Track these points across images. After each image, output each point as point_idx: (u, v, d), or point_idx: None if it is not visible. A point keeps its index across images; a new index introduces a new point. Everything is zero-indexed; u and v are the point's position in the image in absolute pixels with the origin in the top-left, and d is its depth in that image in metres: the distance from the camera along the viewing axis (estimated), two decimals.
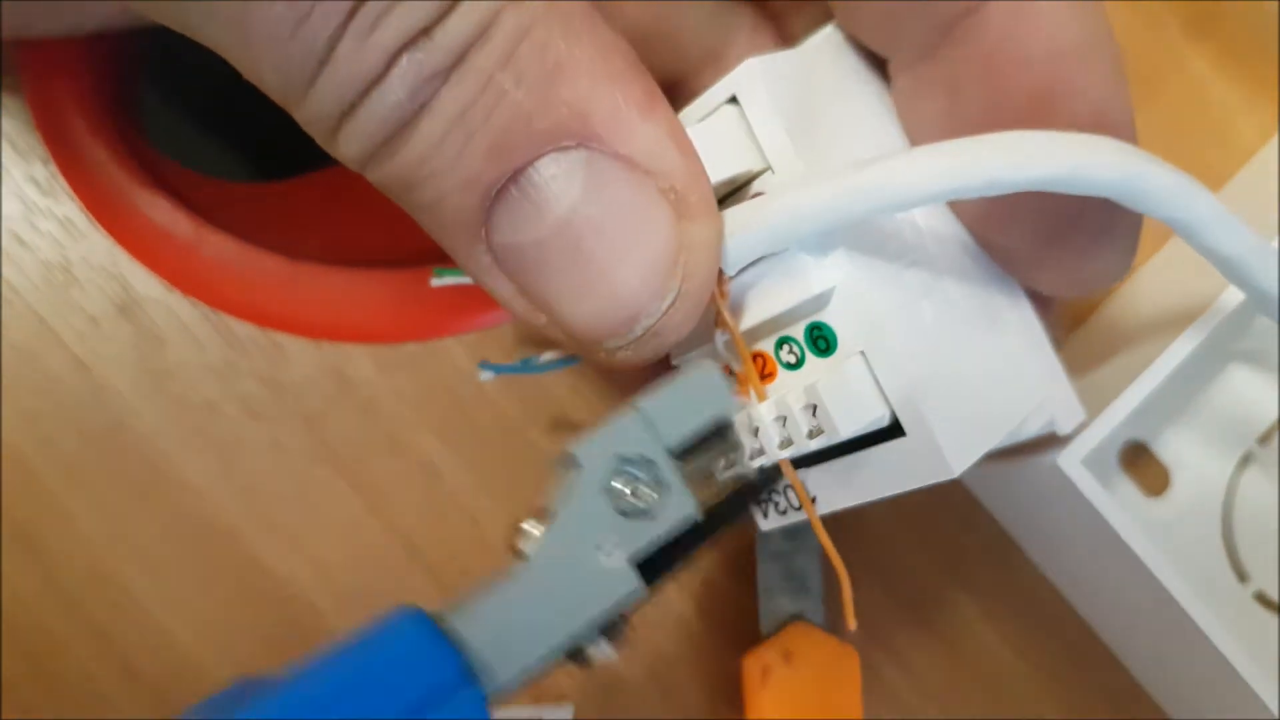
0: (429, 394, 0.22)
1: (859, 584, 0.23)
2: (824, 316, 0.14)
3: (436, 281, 0.18)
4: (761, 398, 0.15)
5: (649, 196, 0.13)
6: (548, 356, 0.19)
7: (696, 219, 0.13)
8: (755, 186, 0.14)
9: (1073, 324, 0.24)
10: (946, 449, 0.14)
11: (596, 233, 0.13)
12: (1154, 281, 0.23)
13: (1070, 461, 0.18)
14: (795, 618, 0.21)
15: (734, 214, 0.14)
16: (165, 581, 0.21)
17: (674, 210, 0.13)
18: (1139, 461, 0.23)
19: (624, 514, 0.12)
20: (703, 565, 0.23)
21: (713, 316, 0.15)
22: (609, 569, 0.12)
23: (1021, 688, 0.23)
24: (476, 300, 0.22)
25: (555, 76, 0.12)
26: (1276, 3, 0.26)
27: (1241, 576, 0.23)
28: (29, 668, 0.21)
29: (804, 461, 0.15)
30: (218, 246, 0.21)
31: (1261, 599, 0.23)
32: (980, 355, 0.15)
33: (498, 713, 0.22)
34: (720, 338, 0.15)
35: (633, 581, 0.12)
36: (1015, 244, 0.15)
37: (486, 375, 0.20)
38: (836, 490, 0.15)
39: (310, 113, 0.12)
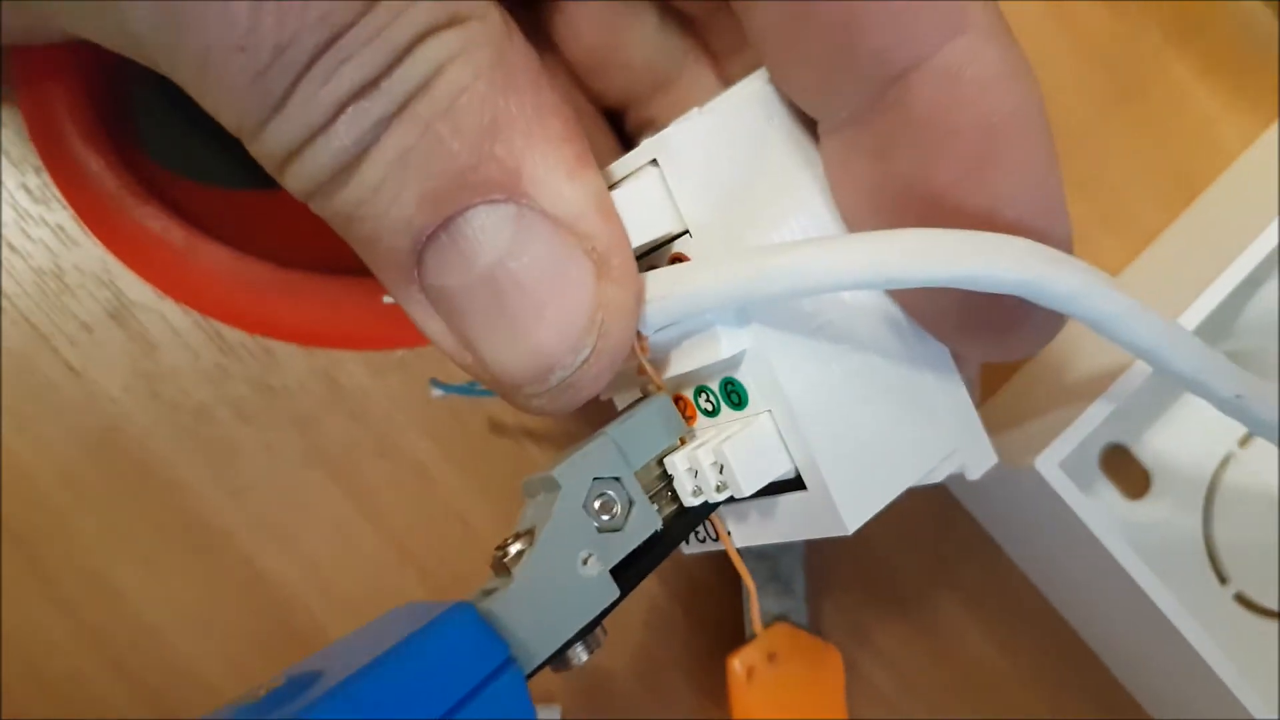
0: (419, 397, 0.22)
1: (844, 585, 0.24)
2: (737, 375, 0.15)
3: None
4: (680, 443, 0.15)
5: (572, 255, 0.13)
6: None
7: (616, 281, 0.14)
8: (676, 246, 0.15)
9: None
10: (841, 506, 0.15)
11: (519, 285, 0.13)
12: (1136, 285, 0.24)
13: (1048, 464, 0.19)
14: (780, 619, 0.22)
15: (654, 279, 0.14)
16: (158, 583, 0.22)
17: (595, 270, 0.13)
18: (1120, 464, 0.24)
19: (599, 530, 0.13)
20: (689, 568, 0.23)
21: (636, 364, 0.15)
22: (591, 579, 0.13)
23: (1005, 686, 0.24)
24: None
25: (491, 131, 0.12)
26: (1257, 9, 0.26)
27: (1222, 578, 0.23)
28: (24, 669, 0.21)
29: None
30: (209, 254, 0.22)
31: (1242, 600, 0.23)
32: (887, 414, 0.15)
33: None
34: (646, 383, 0.16)
35: (613, 590, 0.13)
36: (938, 321, 0.15)
37: (437, 393, 0.20)
38: (750, 528, 0.16)
39: (260, 149, 0.13)
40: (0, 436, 0.22)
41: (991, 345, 0.15)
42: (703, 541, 0.17)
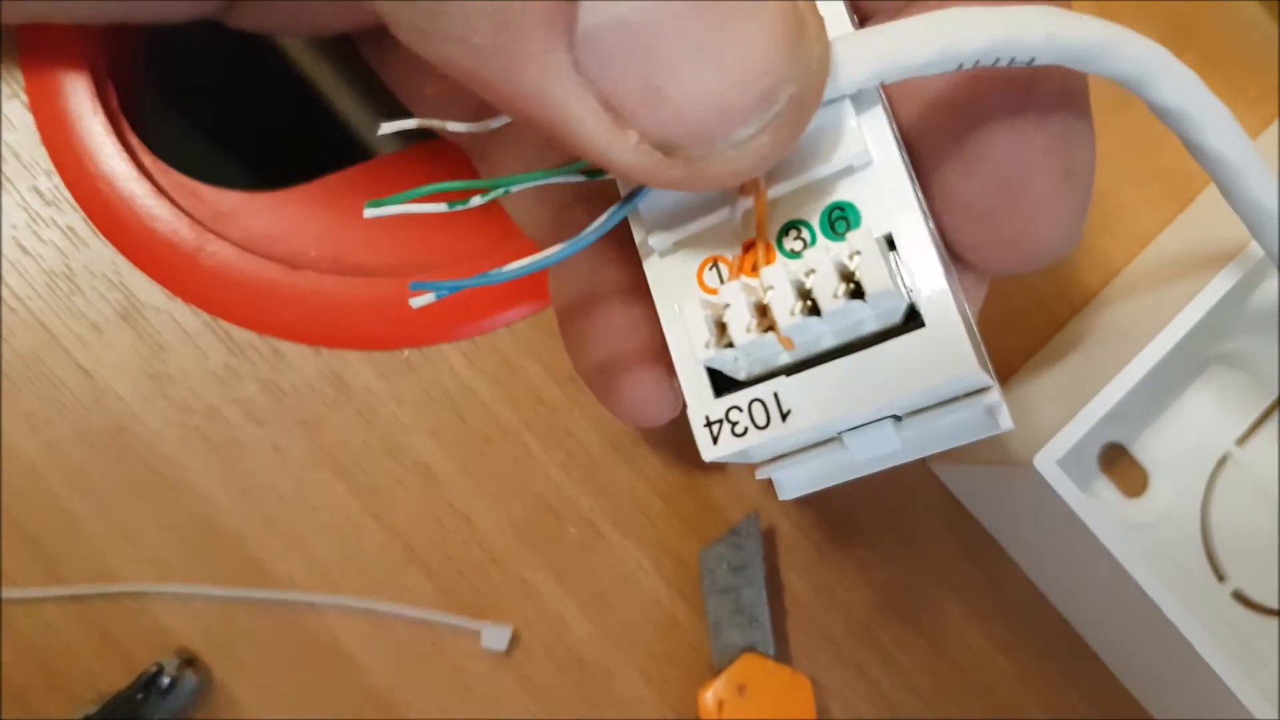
0: (425, 398, 0.23)
1: (845, 583, 0.24)
2: (851, 193, 0.13)
3: (370, 213, 0.14)
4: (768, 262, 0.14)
5: None
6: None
7: None
8: None
9: (1053, 328, 0.25)
10: (970, 342, 0.13)
11: None
12: (1134, 286, 0.24)
13: (1046, 462, 0.19)
14: (747, 649, 0.22)
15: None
16: (167, 581, 0.22)
17: None
18: (1118, 464, 0.24)
19: None
20: (690, 565, 0.23)
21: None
22: None
23: (1005, 686, 0.24)
24: (473, 307, 0.23)
25: None
26: (1255, 11, 0.27)
27: (1220, 576, 0.24)
28: (32, 667, 0.22)
29: (797, 367, 0.14)
30: (219, 254, 0.22)
31: (1239, 598, 0.24)
32: (962, 300, 0.14)
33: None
34: (740, 205, 0.14)
35: None
36: (976, 194, 0.15)
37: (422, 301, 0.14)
38: (839, 397, 0.13)
39: None
40: (10, 437, 0.22)
41: (1024, 228, 0.15)
42: (741, 434, 0.14)
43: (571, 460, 0.23)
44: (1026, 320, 0.24)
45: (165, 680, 0.21)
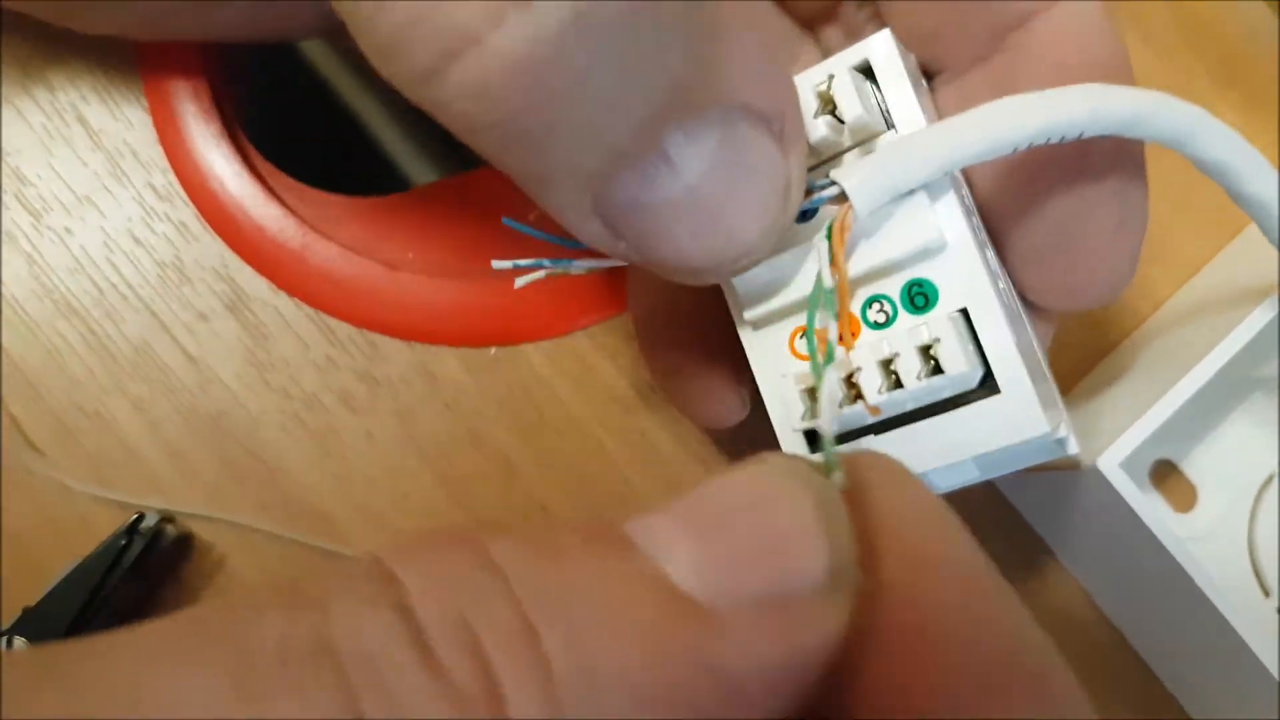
0: (508, 394, 0.24)
1: None
2: (929, 272, 0.15)
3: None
4: (849, 348, 0.15)
5: (765, 142, 0.13)
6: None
7: (794, 151, 0.14)
8: (878, 144, 0.16)
9: (1105, 351, 0.26)
10: (1043, 405, 0.15)
11: (726, 186, 0.13)
12: (1182, 313, 0.25)
13: (1109, 464, 0.20)
14: None
15: (868, 161, 0.14)
16: (258, 560, 0.23)
17: (779, 147, 0.13)
18: (1168, 479, 0.25)
19: None
20: None
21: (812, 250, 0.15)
22: None
23: None
24: (554, 309, 0.24)
25: (701, 38, 0.12)
26: None
27: (1265, 591, 0.24)
28: None
29: (883, 426, 0.16)
30: (323, 253, 0.23)
31: None
32: (1030, 348, 0.16)
33: None
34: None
35: None
36: (1040, 246, 0.17)
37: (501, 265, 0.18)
38: (922, 453, 0.15)
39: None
40: (117, 417, 0.23)
41: (1081, 269, 0.16)
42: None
43: (643, 458, 0.24)
44: (1080, 343, 0.26)
45: (149, 524, 0.22)
